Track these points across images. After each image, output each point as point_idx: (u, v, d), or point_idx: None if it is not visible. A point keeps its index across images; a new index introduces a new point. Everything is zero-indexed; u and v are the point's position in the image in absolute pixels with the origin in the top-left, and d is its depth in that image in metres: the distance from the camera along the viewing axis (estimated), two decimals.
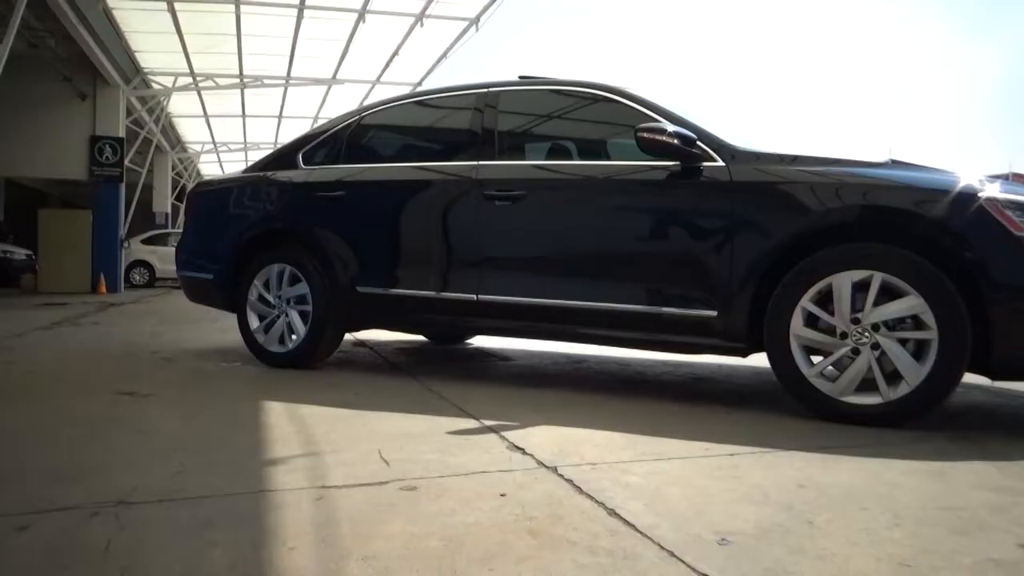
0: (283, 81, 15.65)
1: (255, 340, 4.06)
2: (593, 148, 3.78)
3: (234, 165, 24.22)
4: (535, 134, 3.93)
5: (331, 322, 3.88)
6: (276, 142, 21.42)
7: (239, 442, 2.39)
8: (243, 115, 19.16)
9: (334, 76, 15.51)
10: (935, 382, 2.56)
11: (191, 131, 21.87)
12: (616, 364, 4.36)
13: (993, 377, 2.71)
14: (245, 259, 4.17)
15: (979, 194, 2.60)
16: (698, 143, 3.03)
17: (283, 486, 1.91)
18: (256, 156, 18.07)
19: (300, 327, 3.94)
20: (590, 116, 3.69)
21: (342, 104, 16.07)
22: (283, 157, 4.35)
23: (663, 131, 2.97)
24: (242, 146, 23.27)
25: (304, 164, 4.18)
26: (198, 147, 24.09)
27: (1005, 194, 2.62)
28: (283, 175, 4.21)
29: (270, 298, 4.04)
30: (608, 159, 3.60)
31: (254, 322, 4.08)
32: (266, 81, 15.54)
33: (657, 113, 3.21)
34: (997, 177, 3.06)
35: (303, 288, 3.93)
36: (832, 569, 1.43)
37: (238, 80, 15.47)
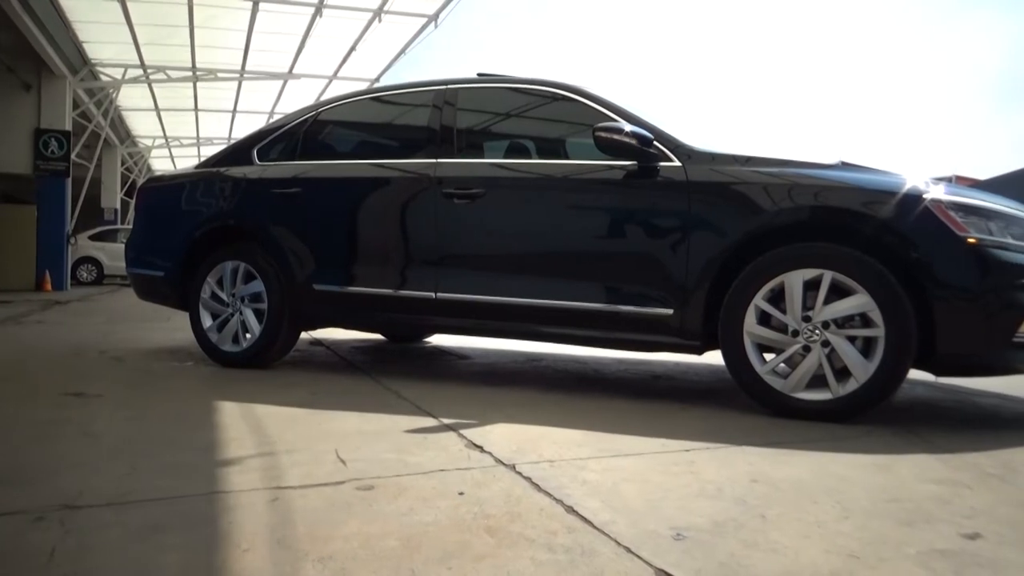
0: (237, 75, 15.35)
1: (208, 339, 3.98)
2: (552, 147, 3.79)
3: (186, 160, 23.70)
4: (494, 132, 3.93)
5: (287, 320, 3.82)
6: (230, 137, 21.02)
7: (192, 443, 2.34)
8: (196, 109, 18.74)
9: (290, 71, 15.28)
10: (882, 378, 2.63)
11: (141, 125, 21.31)
12: (574, 362, 4.39)
13: (937, 373, 2.80)
14: (198, 256, 4.08)
15: (924, 196, 2.68)
16: (655, 143, 3.06)
17: (237, 487, 1.88)
18: (209, 151, 17.69)
19: (255, 326, 3.87)
20: (549, 115, 3.70)
21: (298, 99, 15.86)
22: (237, 153, 4.27)
23: (621, 131, 3.00)
24: (195, 141, 22.76)
25: (259, 160, 4.11)
26: (149, 141, 23.50)
27: (949, 196, 2.71)
28: (237, 171, 4.13)
29: (223, 296, 3.96)
30: (567, 158, 3.62)
31: (207, 320, 4.00)
32: (220, 75, 15.23)
33: (615, 113, 3.24)
34: (941, 179, 3.16)
35: (258, 286, 3.87)
36: (784, 561, 1.46)
37: (190, 73, 15.13)
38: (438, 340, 5.41)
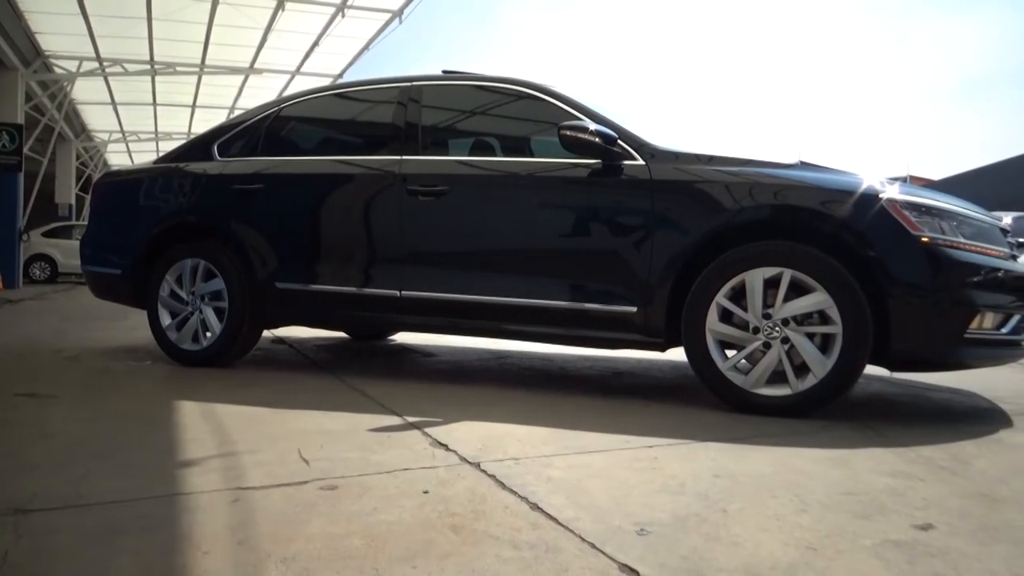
0: (197, 69, 15.06)
1: (167, 338, 3.90)
2: (517, 145, 3.80)
3: (144, 156, 23.20)
4: (459, 129, 3.92)
5: (248, 319, 3.77)
6: (190, 133, 20.63)
7: (150, 444, 2.30)
8: (154, 103, 18.36)
9: (252, 65, 15.05)
10: (840, 374, 2.69)
11: (97, 119, 20.80)
12: (539, 359, 4.41)
13: (892, 368, 2.87)
14: (156, 253, 4.00)
15: (880, 195, 2.74)
16: (619, 142, 3.09)
17: (197, 488, 1.85)
18: (168, 147, 17.35)
19: (215, 324, 3.81)
20: (514, 113, 3.70)
21: (260, 95, 15.63)
22: (197, 148, 4.19)
23: (585, 129, 3.01)
24: (153, 136, 22.29)
25: (219, 156, 4.04)
26: (105, 136, 22.94)
27: (904, 195, 2.78)
28: (197, 166, 4.06)
29: (183, 294, 3.89)
30: (532, 156, 3.63)
31: (166, 319, 3.93)
32: (179, 68, 14.93)
33: (580, 111, 3.25)
34: (896, 179, 3.24)
35: (218, 284, 3.81)
36: (744, 554, 1.49)
37: (148, 66, 14.81)
38: (403, 338, 5.39)
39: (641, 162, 3.07)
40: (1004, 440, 2.55)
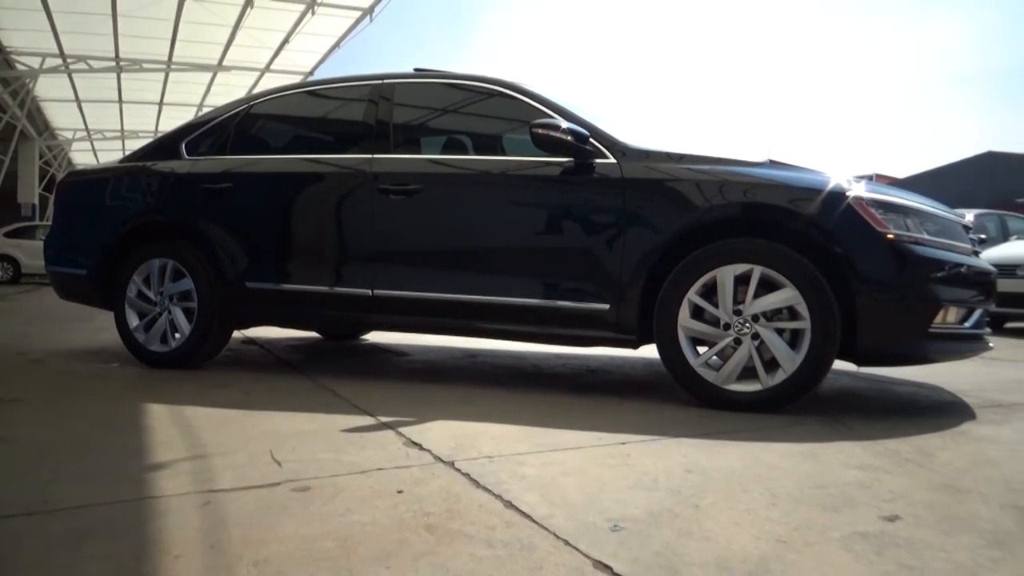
0: (164, 66, 14.84)
1: (135, 339, 3.84)
2: (489, 143, 3.79)
3: (110, 154, 22.81)
4: (431, 128, 3.90)
5: (218, 319, 3.73)
6: (157, 131, 20.33)
7: (118, 447, 2.26)
8: (120, 101, 18.07)
9: (220, 62, 14.87)
10: (808, 369, 2.73)
11: (61, 117, 20.42)
12: (512, 357, 4.41)
13: (859, 363, 2.92)
14: (122, 253, 3.94)
15: (847, 193, 2.79)
16: (591, 140, 3.10)
17: (167, 492, 1.82)
18: (135, 145, 17.07)
19: (184, 325, 3.76)
20: (486, 111, 3.70)
21: (229, 92, 15.44)
22: (164, 146, 4.13)
23: (557, 127, 3.02)
24: (119, 134, 21.93)
25: (187, 154, 3.98)
26: (69, 134, 22.51)
27: (870, 193, 2.82)
28: (164, 165, 4.00)
29: (151, 295, 3.83)
30: (504, 154, 3.63)
31: (133, 320, 3.86)
32: (145, 65, 14.70)
33: (552, 109, 3.26)
34: (863, 177, 3.29)
35: (187, 284, 3.76)
36: (716, 548, 1.50)
37: (114, 63, 14.55)
38: (375, 337, 5.36)
39: (613, 160, 3.08)
40: (968, 432, 2.61)
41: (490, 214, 3.30)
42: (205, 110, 16.55)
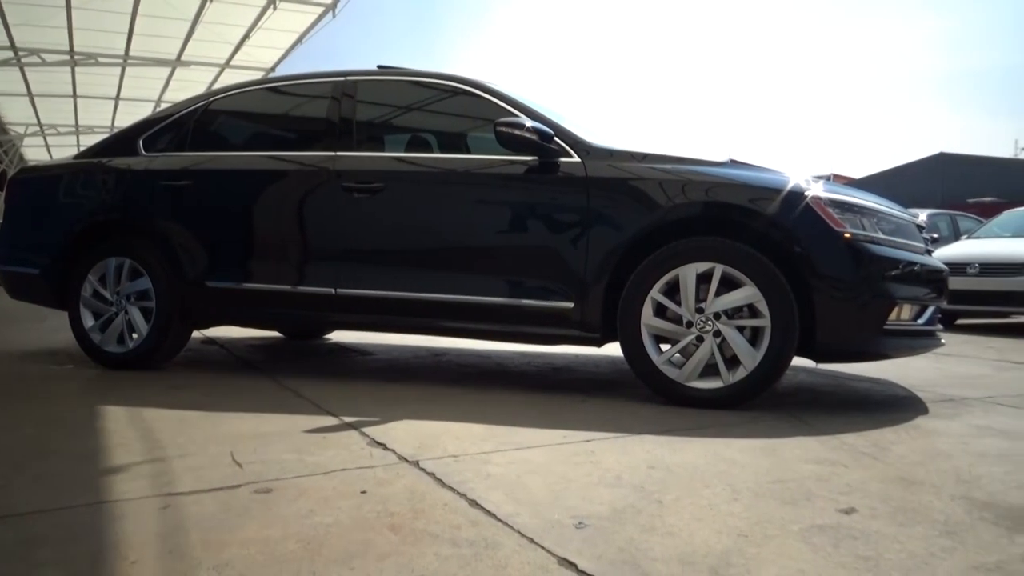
0: (120, 60, 14.51)
1: (90, 340, 3.75)
2: (453, 141, 3.78)
3: (64, 150, 22.22)
4: (394, 125, 3.88)
5: (177, 319, 3.66)
6: (113, 126, 19.88)
7: (73, 451, 2.20)
8: (74, 95, 17.62)
9: (178, 57, 14.59)
10: (768, 366, 2.78)
11: (13, 111, 19.84)
12: (477, 356, 4.41)
13: (817, 360, 2.98)
14: (77, 252, 3.84)
15: (806, 193, 2.84)
16: (555, 139, 3.11)
17: (124, 496, 1.78)
18: (89, 141, 16.65)
19: (142, 325, 3.68)
20: (450, 109, 3.69)
21: (188, 88, 15.15)
22: (121, 142, 4.04)
23: (521, 126, 3.03)
24: (73, 129, 21.39)
25: (145, 151, 3.90)
26: (21, 129, 21.88)
27: (827, 193, 2.88)
28: (121, 162, 3.91)
29: (107, 294, 3.75)
30: (468, 153, 3.62)
31: (88, 320, 3.77)
32: (101, 59, 14.34)
33: (516, 108, 3.26)
34: (821, 177, 3.36)
35: (145, 283, 3.68)
36: (679, 544, 1.52)
37: (68, 57, 14.17)
38: (339, 336, 5.31)
39: (577, 159, 3.10)
40: (920, 426, 2.68)
41: (454, 212, 3.29)
42: (163, 106, 16.23)
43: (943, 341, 3.23)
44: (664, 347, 2.97)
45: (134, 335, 3.72)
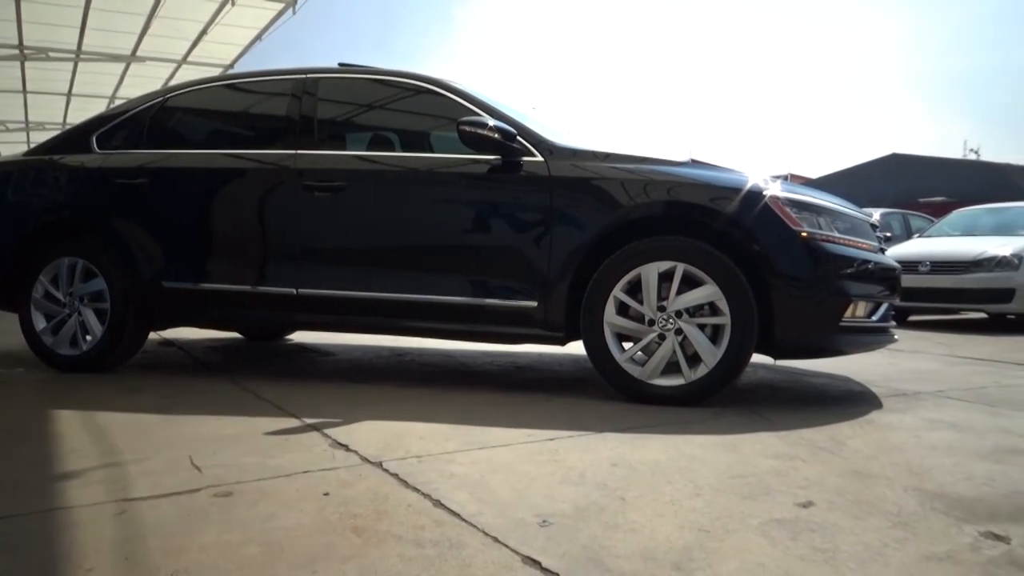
0: (73, 55, 14.13)
1: (42, 342, 3.65)
2: (416, 140, 3.77)
3: (14, 147, 21.56)
4: (356, 124, 3.84)
5: (132, 320, 3.58)
6: (65, 123, 19.35)
7: (23, 456, 2.14)
8: (24, 91, 17.09)
9: (133, 53, 14.26)
10: (729, 363, 2.82)
11: None
12: (440, 356, 4.40)
13: (775, 356, 3.03)
14: (28, 252, 3.73)
15: (764, 192, 2.89)
16: (518, 138, 3.11)
17: (77, 502, 1.74)
18: (40, 138, 16.20)
19: (96, 327, 3.59)
20: (413, 107, 3.67)
21: (143, 85, 14.81)
22: (73, 139, 3.93)
23: (484, 125, 3.03)
24: (23, 126, 20.76)
25: (99, 148, 3.80)
26: None
27: (785, 193, 2.94)
28: (74, 159, 3.81)
29: (59, 295, 3.65)
30: (431, 151, 3.61)
31: (40, 322, 3.66)
32: (52, 54, 13.95)
33: (479, 107, 3.26)
34: (779, 177, 3.42)
35: (99, 284, 3.59)
36: (641, 540, 1.54)
37: (17, 51, 13.75)
38: (300, 337, 5.25)
39: (540, 158, 3.10)
40: (875, 420, 2.75)
41: (417, 212, 3.28)
42: (117, 102, 15.85)
43: (896, 337, 3.32)
44: (627, 345, 3.00)
45: (88, 337, 3.63)
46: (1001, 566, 1.45)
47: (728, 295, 2.81)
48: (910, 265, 7.01)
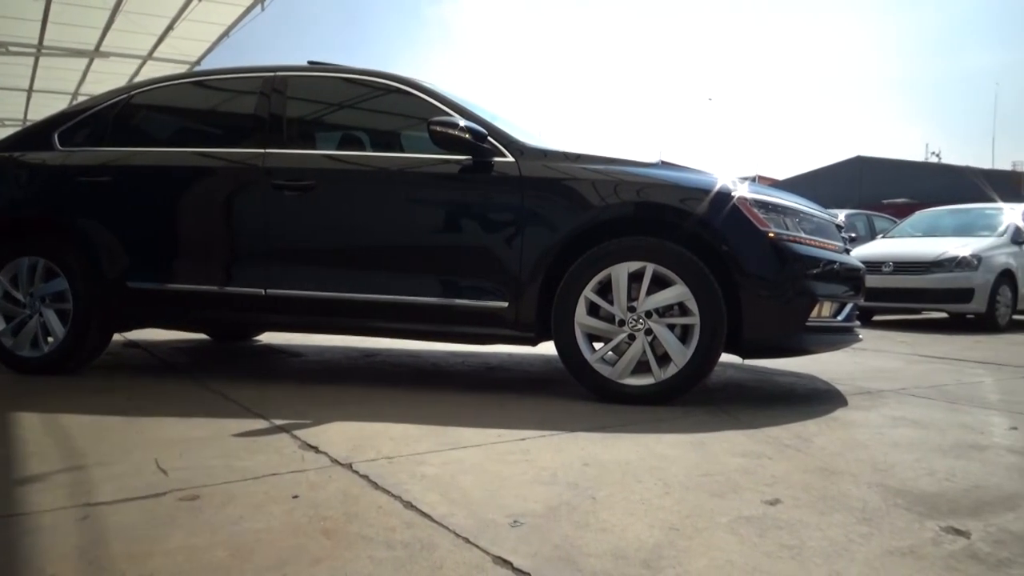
0: (34, 50, 13.81)
1: (1, 344, 3.56)
2: (386, 140, 3.74)
3: None
4: (326, 123, 3.81)
5: (96, 321, 3.50)
6: (25, 119, 18.91)
7: None
8: None
9: (97, 48, 13.97)
10: (698, 362, 2.86)
11: None
12: (410, 357, 4.38)
13: (743, 356, 3.07)
14: None
15: (733, 193, 2.93)
16: (489, 138, 3.11)
17: (40, 507, 1.70)
18: (1, 135, 15.81)
19: (58, 328, 3.51)
20: (383, 107, 3.65)
21: (107, 81, 14.54)
22: (34, 136, 3.84)
23: (455, 125, 3.02)
24: None
25: (61, 145, 3.72)
26: None
27: (753, 194, 2.98)
28: (35, 157, 3.72)
29: (19, 296, 3.56)
30: (402, 151, 3.59)
31: None
32: (12, 48, 13.62)
33: (450, 107, 3.25)
34: (746, 178, 3.46)
35: (61, 284, 3.51)
36: (613, 539, 1.55)
37: None
38: (269, 338, 5.19)
39: (511, 159, 3.11)
40: (840, 418, 2.80)
41: (387, 211, 3.26)
42: (81, 99, 15.53)
43: (861, 336, 3.38)
44: (597, 345, 3.01)
45: (50, 338, 3.55)
46: (961, 560, 1.48)
47: (697, 295, 2.84)
48: (874, 265, 7.14)
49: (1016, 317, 7.59)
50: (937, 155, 34.98)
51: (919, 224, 8.96)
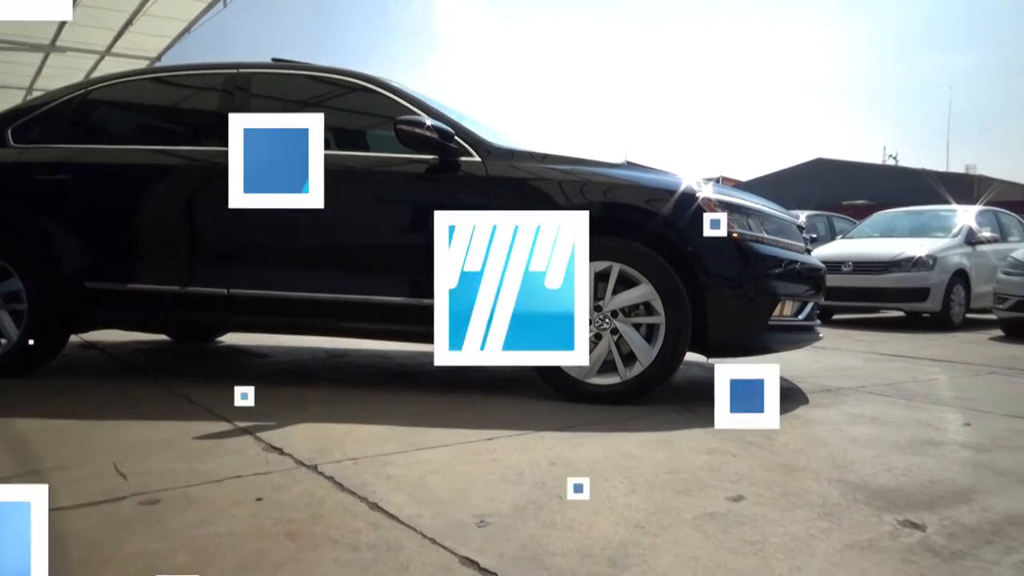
0: None
1: None
2: (352, 138, 3.71)
3: None
4: None
5: (52, 322, 3.42)
6: None
7: None
8: None
9: (53, 42, 13.62)
10: (663, 361, 2.88)
11: None
12: (377, 357, 4.35)
13: (708, 355, 3.11)
14: None
15: (697, 194, 2.96)
16: (456, 138, 3.11)
17: None
18: None
19: (11, 329, 3.42)
20: (349, 105, 3.62)
21: (64, 76, 14.18)
22: None
23: (422, 124, 3.01)
24: None
25: (15, 142, 3.62)
26: None
27: (717, 195, 3.01)
28: None
29: None
30: (368, 150, 3.56)
31: None
32: None
33: (417, 106, 3.24)
34: (711, 179, 3.50)
35: (15, 284, 3.41)
36: (579, 538, 1.56)
37: None
38: (232, 339, 5.11)
39: (477, 159, 3.10)
40: (802, 416, 2.85)
41: (353, 211, 3.23)
42: (36, 94, 15.13)
43: (822, 335, 3.45)
44: None
45: (3, 340, 3.45)
46: (917, 552, 1.52)
47: (663, 295, 2.87)
48: (834, 265, 7.28)
49: (969, 315, 7.80)
50: (895, 158, 35.78)
51: (877, 225, 9.16)
